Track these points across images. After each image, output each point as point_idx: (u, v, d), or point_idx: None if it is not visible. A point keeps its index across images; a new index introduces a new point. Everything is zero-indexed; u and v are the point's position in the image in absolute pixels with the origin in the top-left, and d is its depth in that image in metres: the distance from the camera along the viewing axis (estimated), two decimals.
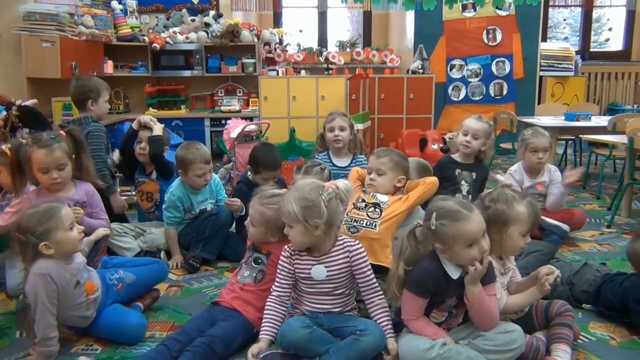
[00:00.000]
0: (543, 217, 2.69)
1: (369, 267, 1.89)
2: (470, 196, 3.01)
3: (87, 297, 1.97)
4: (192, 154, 2.78)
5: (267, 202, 2.03)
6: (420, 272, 1.71)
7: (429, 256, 1.74)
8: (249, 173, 3.07)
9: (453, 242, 1.65)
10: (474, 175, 3.04)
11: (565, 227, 3.00)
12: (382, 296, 1.89)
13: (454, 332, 1.80)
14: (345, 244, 1.88)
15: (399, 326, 1.87)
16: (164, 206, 2.89)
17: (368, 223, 2.27)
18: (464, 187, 3.02)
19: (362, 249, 1.89)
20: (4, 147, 2.47)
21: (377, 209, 2.30)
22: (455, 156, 3.10)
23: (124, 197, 3.27)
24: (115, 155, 3.31)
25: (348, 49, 6.37)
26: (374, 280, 1.90)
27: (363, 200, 2.35)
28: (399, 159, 2.40)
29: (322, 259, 1.86)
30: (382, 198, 2.33)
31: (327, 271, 1.84)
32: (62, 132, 2.30)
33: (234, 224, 2.99)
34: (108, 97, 3.16)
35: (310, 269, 1.85)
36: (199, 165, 2.79)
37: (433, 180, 2.40)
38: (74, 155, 2.32)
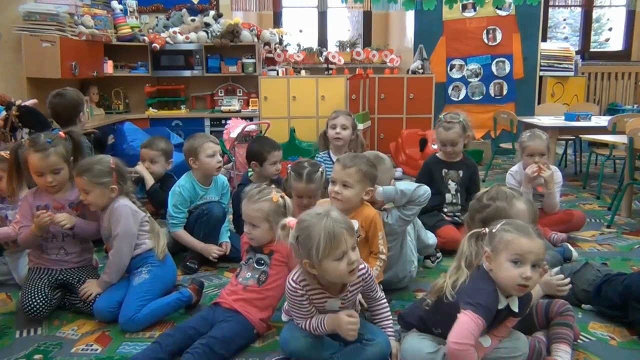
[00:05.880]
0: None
1: (377, 285, 1.88)
2: (459, 194, 3.03)
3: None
4: (199, 138, 2.81)
5: (258, 197, 2.02)
6: (488, 295, 1.58)
7: (485, 276, 1.62)
8: (250, 173, 3.05)
9: (503, 248, 1.56)
10: (460, 173, 3.06)
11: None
12: (387, 307, 1.90)
13: None
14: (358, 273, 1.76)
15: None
16: (170, 204, 2.76)
17: None
18: (452, 186, 3.04)
19: (369, 270, 1.81)
20: (2, 152, 2.46)
21: None
22: (440, 155, 3.11)
23: None
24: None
25: (348, 49, 6.37)
26: (382, 295, 1.90)
27: None
28: (367, 168, 2.11)
29: (340, 295, 1.77)
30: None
31: (341, 303, 1.76)
32: (61, 133, 2.29)
33: (230, 222, 2.98)
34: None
35: (325, 301, 1.77)
36: (208, 144, 2.77)
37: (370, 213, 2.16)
38: (72, 158, 2.28)
